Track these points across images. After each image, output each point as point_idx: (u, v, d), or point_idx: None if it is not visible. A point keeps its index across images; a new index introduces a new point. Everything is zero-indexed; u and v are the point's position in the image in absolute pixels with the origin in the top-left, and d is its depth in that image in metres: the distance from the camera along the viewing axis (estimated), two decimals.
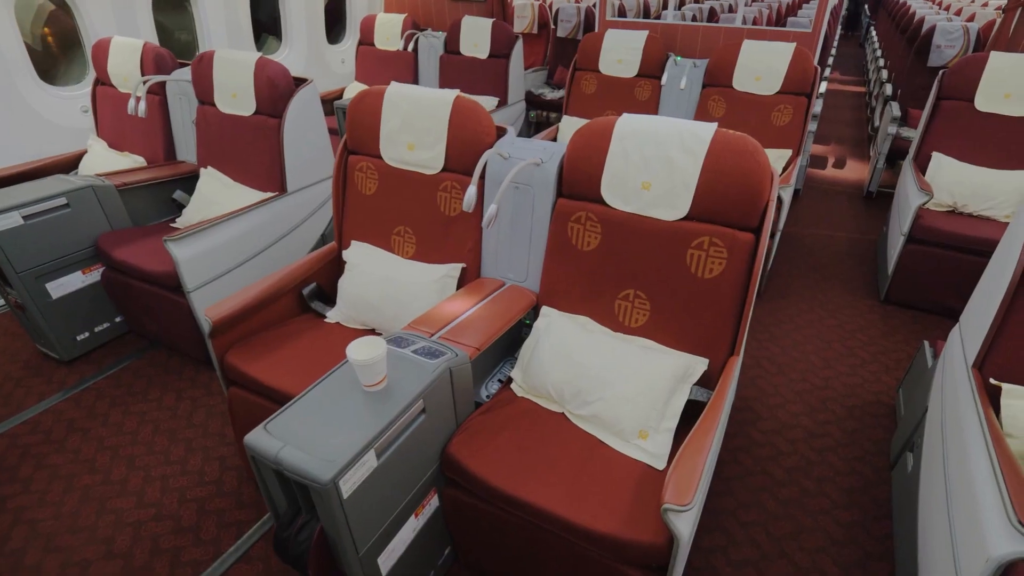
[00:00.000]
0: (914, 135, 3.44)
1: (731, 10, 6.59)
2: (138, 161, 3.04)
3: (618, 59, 3.50)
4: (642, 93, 3.49)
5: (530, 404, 1.67)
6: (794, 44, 3.03)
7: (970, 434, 1.35)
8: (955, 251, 2.66)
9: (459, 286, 1.96)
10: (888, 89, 4.80)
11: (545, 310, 1.79)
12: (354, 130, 2.05)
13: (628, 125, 1.60)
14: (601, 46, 3.53)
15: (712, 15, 5.48)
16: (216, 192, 2.74)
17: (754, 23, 4.64)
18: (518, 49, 4.19)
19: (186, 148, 3.03)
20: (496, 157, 1.82)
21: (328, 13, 4.96)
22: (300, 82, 2.71)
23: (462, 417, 1.57)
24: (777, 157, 3.06)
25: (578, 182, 1.69)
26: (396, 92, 1.95)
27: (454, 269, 1.95)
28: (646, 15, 5.60)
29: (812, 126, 3.93)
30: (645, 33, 3.41)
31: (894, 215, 3.10)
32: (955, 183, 2.90)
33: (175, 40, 4.33)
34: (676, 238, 1.59)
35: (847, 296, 3.05)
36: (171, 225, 2.80)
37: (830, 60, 5.85)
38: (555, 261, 1.78)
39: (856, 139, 5.88)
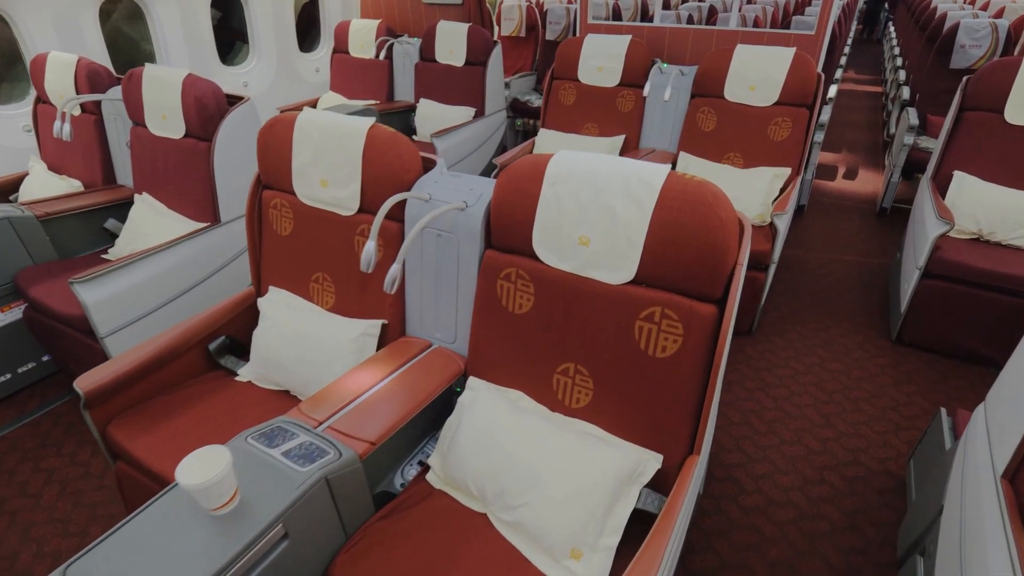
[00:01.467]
0: (933, 146, 3.07)
1: (751, 2, 6.21)
2: (75, 186, 2.79)
3: (598, 67, 3.17)
4: (624, 104, 3.16)
5: (448, 501, 1.36)
6: (794, 49, 2.67)
7: (995, 562, 1.02)
8: (980, 288, 2.30)
9: (382, 344, 1.66)
10: (905, 93, 4.39)
11: (472, 382, 1.48)
12: (266, 162, 1.75)
13: (562, 165, 1.28)
14: (580, 52, 3.20)
15: (712, 15, 5.09)
16: (148, 221, 2.47)
17: (755, 24, 4.26)
18: (496, 56, 3.87)
19: (124, 172, 2.77)
20: (420, 197, 1.51)
21: (303, 19, 4.70)
22: (236, 100, 2.44)
23: (355, 525, 1.26)
24: (773, 176, 2.71)
25: (507, 232, 1.38)
26: (307, 120, 1.65)
27: (373, 326, 1.64)
28: (644, 17, 5.23)
29: (819, 136, 3.57)
30: (627, 38, 3.07)
31: (909, 241, 2.73)
32: (980, 207, 2.53)
33: (141, 52, 4.09)
34: (621, 306, 1.27)
35: (854, 335, 2.69)
36: (102, 257, 2.55)
37: (843, 60, 5.43)
38: (484, 324, 1.47)
39: (870, 145, 5.45)
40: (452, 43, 3.88)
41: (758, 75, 2.74)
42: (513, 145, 4.70)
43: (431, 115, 4.01)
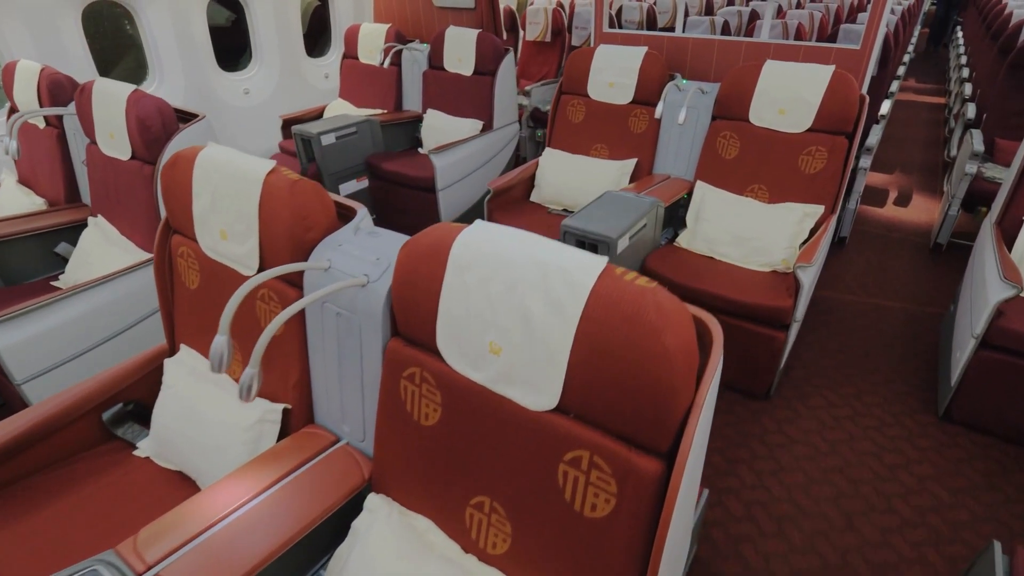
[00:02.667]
0: (1001, 177, 2.56)
1: (799, 6, 5.63)
2: (38, 203, 2.61)
3: (609, 82, 2.79)
4: (638, 124, 2.77)
5: None
6: (831, 68, 2.23)
7: None
8: None
9: (288, 430, 1.36)
10: (970, 111, 3.82)
11: (372, 501, 1.16)
12: (170, 204, 1.47)
13: (470, 246, 0.94)
14: (590, 65, 2.83)
15: (753, 21, 4.57)
16: (95, 249, 2.26)
17: (797, 34, 3.75)
18: (508, 65, 3.53)
19: (87, 190, 2.57)
20: (316, 266, 1.19)
21: (315, 22, 4.46)
22: (190, 118, 2.19)
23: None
24: (803, 215, 2.29)
25: (411, 319, 1.05)
26: (207, 159, 1.36)
27: (273, 412, 1.34)
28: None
29: (865, 162, 3.09)
30: (643, 50, 2.68)
31: (965, 296, 2.26)
32: None
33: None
34: (542, 441, 0.92)
35: (892, 405, 2.24)
36: (51, 284, 2.34)
37: (901, 70, 4.84)
38: (389, 429, 1.15)
39: (928, 166, 4.84)
40: (461, 50, 3.56)
41: (789, 97, 2.31)
42: (534, 157, 4.35)
43: (437, 127, 3.71)
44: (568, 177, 2.85)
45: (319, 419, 1.35)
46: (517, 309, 0.88)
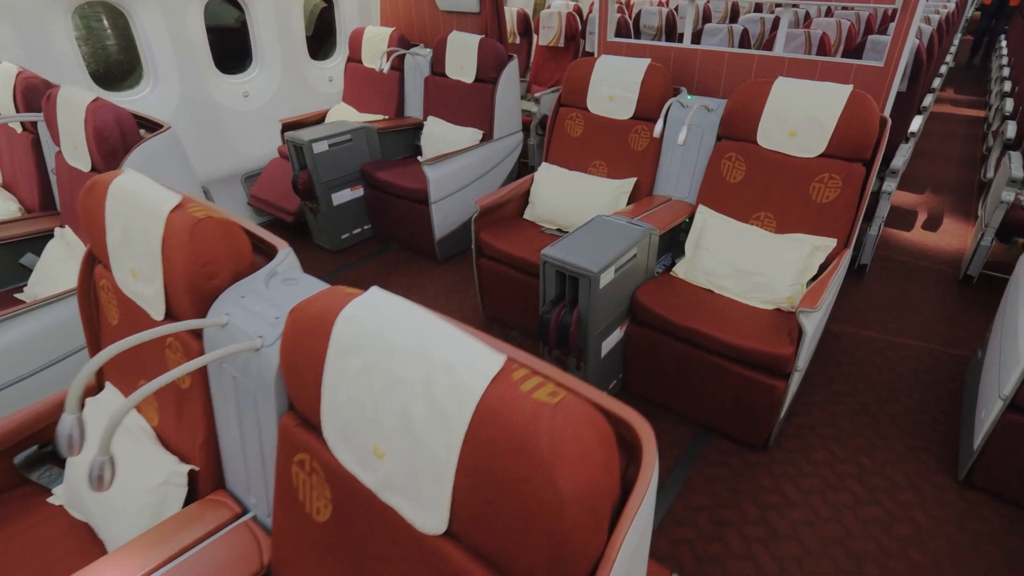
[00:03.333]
0: None
1: (828, 13, 5.26)
2: (12, 210, 2.52)
3: (609, 95, 2.58)
4: (639, 141, 2.55)
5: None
6: (849, 88, 1.99)
7: None
8: None
9: (197, 495, 1.21)
10: (1011, 129, 3.50)
11: None
12: (90, 231, 1.33)
13: (353, 322, 0.76)
14: (590, 77, 2.62)
15: (775, 30, 4.27)
16: (59, 262, 2.15)
17: (820, 46, 3.46)
18: (510, 73, 3.34)
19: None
20: (213, 323, 1.03)
21: (321, 24, 4.33)
22: (155, 128, 2.06)
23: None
24: (813, 249, 2.05)
25: (301, 396, 0.87)
26: (120, 187, 1.20)
27: (178, 475, 1.18)
28: (733, 20, 4.48)
29: (889, 185, 2.82)
30: (645, 62, 2.46)
31: (994, 345, 2.00)
32: None
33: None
34: (432, 568, 0.73)
35: (906, 464, 1.99)
36: (15, 296, 2.24)
37: (937, 82, 4.49)
38: (284, 515, 0.97)
39: (962, 186, 4.49)
40: (463, 57, 3.38)
41: (801, 118, 2.07)
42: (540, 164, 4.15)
43: (438, 135, 3.54)
44: (563, 195, 2.65)
45: (229, 485, 1.19)
46: (398, 412, 0.70)
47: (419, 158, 3.66)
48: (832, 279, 1.90)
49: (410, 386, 0.68)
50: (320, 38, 4.34)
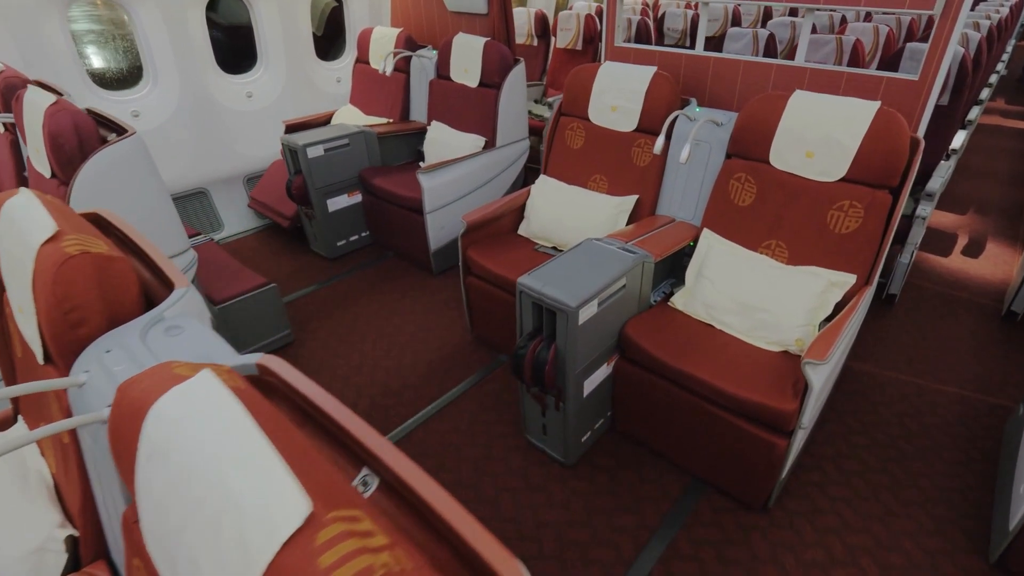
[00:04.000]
0: None
1: (867, 18, 4.88)
2: None
3: (612, 105, 2.35)
4: (642, 156, 2.32)
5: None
6: (876, 104, 1.73)
7: None
8: None
9: (80, 564, 1.05)
10: None
11: None
12: None
13: (163, 424, 0.58)
14: (592, 85, 2.40)
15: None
16: None
17: (852, 56, 3.14)
18: (516, 78, 3.13)
19: None
20: (70, 383, 0.86)
21: (332, 23, 4.20)
22: (121, 133, 1.93)
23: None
24: (828, 285, 1.80)
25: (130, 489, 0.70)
26: (11, 209, 1.05)
27: (54, 541, 1.02)
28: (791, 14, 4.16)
29: (924, 209, 2.53)
30: (651, 70, 2.23)
31: None
32: None
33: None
34: None
35: (929, 535, 1.73)
36: None
37: (985, 92, 4.09)
38: None
39: (1010, 207, 4.08)
40: (467, 60, 3.20)
41: (819, 137, 1.82)
42: None
43: (440, 141, 3.36)
44: (560, 211, 2.44)
45: (113, 554, 1.03)
46: (189, 553, 0.51)
47: (422, 164, 3.50)
48: (848, 322, 1.64)
49: (198, 529, 0.49)
50: (331, 38, 4.21)
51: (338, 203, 3.28)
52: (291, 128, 3.63)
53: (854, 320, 1.72)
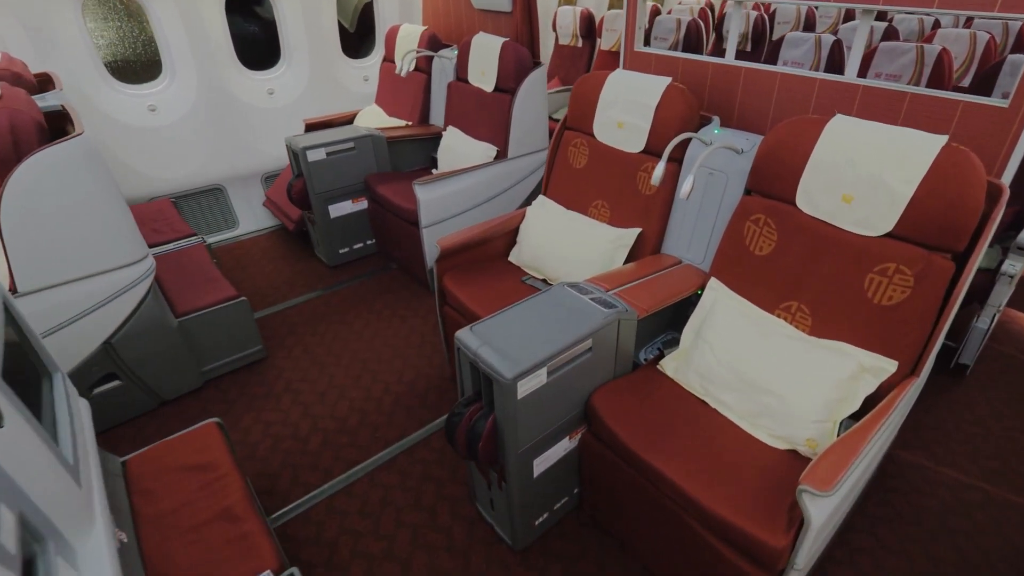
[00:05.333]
0: None
1: (967, 23, 4.09)
2: None
3: (618, 121, 1.96)
4: (648, 183, 1.92)
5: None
6: (943, 140, 1.26)
7: None
8: None
9: None
10: None
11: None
12: None
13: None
14: (599, 97, 2.02)
15: (891, 37, 3.28)
16: None
17: (936, 70, 2.53)
18: (535, 82, 2.78)
19: None
20: None
21: (364, 19, 3.98)
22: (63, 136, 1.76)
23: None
24: (859, 370, 1.36)
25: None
26: None
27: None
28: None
29: (1013, 266, 1.99)
30: (664, 82, 1.82)
31: None
32: None
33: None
34: None
35: None
36: None
37: None
38: None
39: None
40: (485, 62, 2.88)
41: (862, 177, 1.36)
42: None
43: (453, 148, 3.07)
44: (553, 239, 2.08)
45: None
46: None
47: (435, 171, 3.23)
48: (877, 428, 1.20)
49: None
50: (363, 35, 4.00)
51: (341, 209, 3.05)
52: (310, 127, 3.45)
53: (890, 423, 1.27)
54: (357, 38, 4.01)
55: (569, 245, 2.03)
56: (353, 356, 2.43)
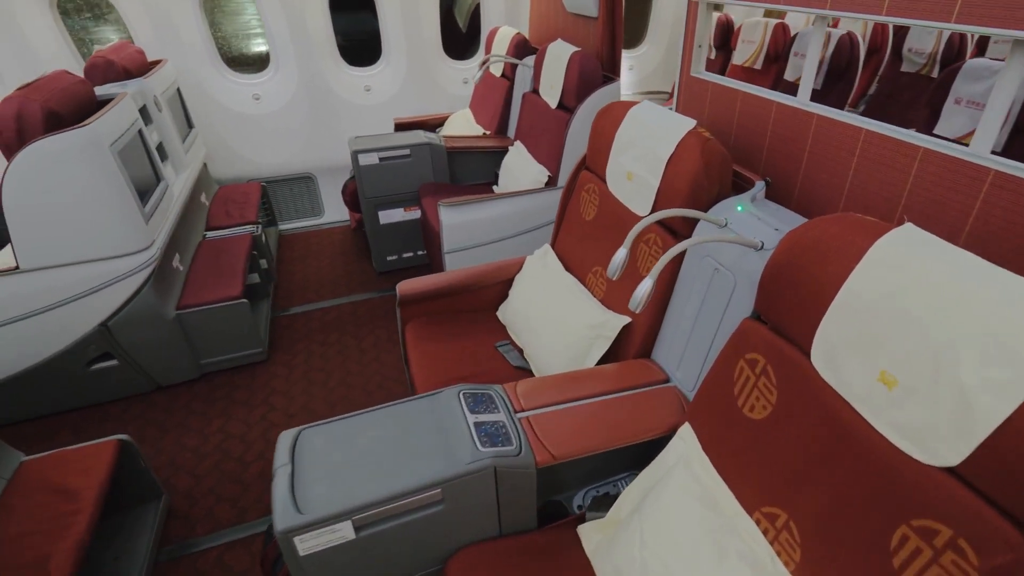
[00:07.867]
0: None
1: None
2: None
3: (628, 171, 1.39)
4: (649, 259, 1.33)
5: None
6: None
7: None
8: None
9: None
10: None
11: None
12: None
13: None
14: (614, 137, 1.46)
15: None
16: None
17: None
18: (600, 100, 2.24)
19: None
20: None
21: (475, 20, 3.68)
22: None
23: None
24: None
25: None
26: None
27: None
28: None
29: None
30: (685, 126, 1.22)
31: None
32: None
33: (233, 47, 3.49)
34: None
35: None
36: None
37: None
38: None
39: None
40: (554, 74, 2.41)
41: (926, 351, 0.70)
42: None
43: (511, 166, 2.70)
44: (538, 305, 1.60)
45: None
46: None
47: (495, 187, 2.85)
48: None
49: None
50: (473, 36, 3.71)
51: (391, 216, 2.83)
52: (400, 126, 3.29)
53: None
54: (467, 39, 3.73)
55: (546, 320, 1.53)
56: (341, 380, 2.20)
